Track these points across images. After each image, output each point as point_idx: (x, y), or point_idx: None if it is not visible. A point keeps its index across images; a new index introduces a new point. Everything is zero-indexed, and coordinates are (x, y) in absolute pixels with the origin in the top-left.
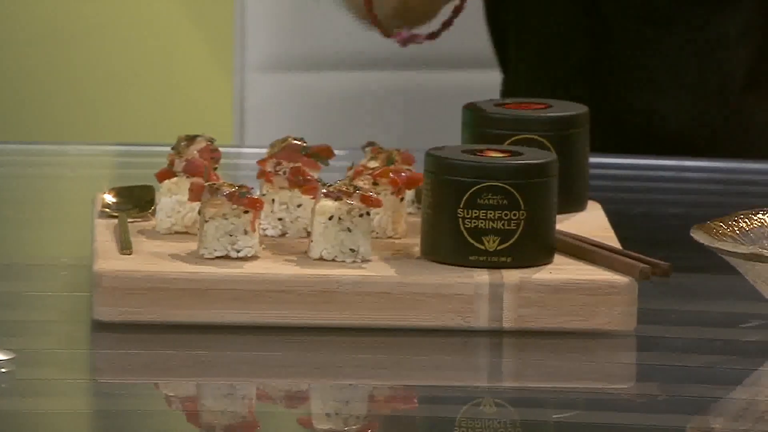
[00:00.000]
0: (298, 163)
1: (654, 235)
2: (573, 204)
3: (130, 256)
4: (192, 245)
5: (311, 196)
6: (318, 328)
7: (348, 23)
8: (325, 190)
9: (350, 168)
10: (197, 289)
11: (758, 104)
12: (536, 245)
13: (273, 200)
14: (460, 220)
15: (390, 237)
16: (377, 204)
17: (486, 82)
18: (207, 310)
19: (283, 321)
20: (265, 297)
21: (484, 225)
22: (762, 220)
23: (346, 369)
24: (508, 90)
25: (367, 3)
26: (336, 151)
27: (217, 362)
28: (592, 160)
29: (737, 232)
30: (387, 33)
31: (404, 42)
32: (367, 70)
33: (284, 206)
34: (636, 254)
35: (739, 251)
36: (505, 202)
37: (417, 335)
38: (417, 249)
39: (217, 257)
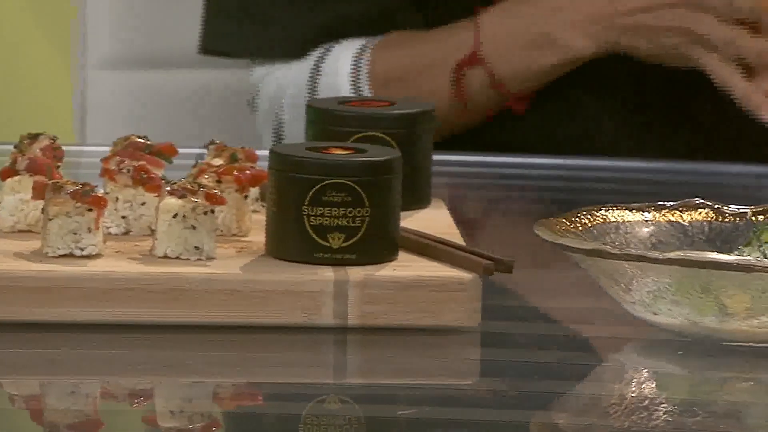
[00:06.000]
0: (141, 161)
1: (498, 232)
2: (417, 201)
3: None
4: (35, 243)
5: (155, 194)
6: (164, 326)
7: (190, 21)
8: (169, 188)
9: (194, 166)
10: (41, 288)
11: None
12: (381, 242)
13: (117, 198)
14: (305, 217)
15: (234, 234)
16: (221, 202)
17: None
18: (51, 309)
19: (129, 319)
20: (111, 295)
21: (329, 222)
22: (604, 216)
23: (191, 366)
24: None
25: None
26: (179, 149)
27: (62, 360)
28: (436, 157)
29: (580, 228)
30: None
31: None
32: (210, 69)
33: (128, 204)
34: (479, 251)
35: (582, 247)
36: (349, 199)
37: (263, 332)
38: (262, 246)
39: (61, 255)
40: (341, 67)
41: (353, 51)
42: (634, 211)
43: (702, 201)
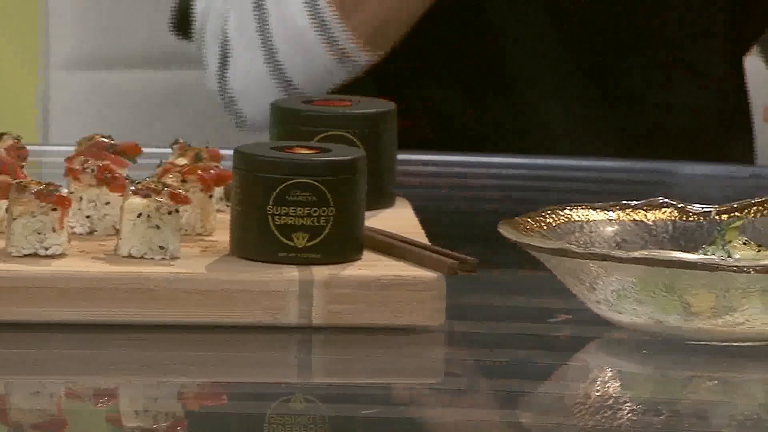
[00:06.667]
0: (105, 160)
1: (463, 232)
2: (381, 200)
3: None
4: None
5: (119, 194)
6: (128, 326)
7: (153, 21)
8: (133, 188)
9: (159, 165)
10: (5, 288)
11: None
12: (345, 241)
13: (81, 198)
14: (270, 216)
15: (199, 234)
16: (186, 201)
17: None
18: (15, 308)
19: (93, 319)
20: (75, 295)
21: (294, 222)
22: (569, 216)
23: (156, 366)
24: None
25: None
26: (143, 149)
27: (26, 360)
28: (400, 156)
29: (545, 227)
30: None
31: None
32: (173, 69)
33: (92, 204)
34: (444, 250)
35: (546, 246)
36: (314, 198)
37: (228, 332)
38: (226, 246)
39: (25, 255)
40: None
41: None
42: (598, 210)
43: (666, 200)
